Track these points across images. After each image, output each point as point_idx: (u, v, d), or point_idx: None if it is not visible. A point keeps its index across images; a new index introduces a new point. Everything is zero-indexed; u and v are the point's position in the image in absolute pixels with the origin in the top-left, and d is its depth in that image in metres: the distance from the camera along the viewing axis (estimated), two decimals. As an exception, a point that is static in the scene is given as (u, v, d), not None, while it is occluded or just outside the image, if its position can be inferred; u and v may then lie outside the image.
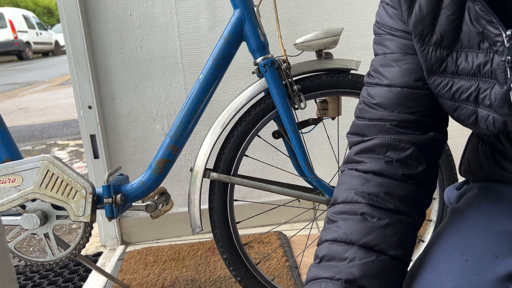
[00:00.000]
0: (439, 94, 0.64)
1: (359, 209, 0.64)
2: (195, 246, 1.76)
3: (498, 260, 0.58)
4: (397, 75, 0.66)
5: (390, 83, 0.67)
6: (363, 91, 0.71)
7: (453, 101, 0.62)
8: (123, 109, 1.76)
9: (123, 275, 1.59)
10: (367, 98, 0.70)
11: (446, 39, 0.59)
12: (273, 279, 1.33)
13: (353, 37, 1.78)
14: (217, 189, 1.20)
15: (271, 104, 1.17)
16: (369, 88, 0.70)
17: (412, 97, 0.66)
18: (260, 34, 1.14)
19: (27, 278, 1.64)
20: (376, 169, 0.66)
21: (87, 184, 1.17)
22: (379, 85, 0.68)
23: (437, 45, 0.61)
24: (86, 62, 1.65)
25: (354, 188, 0.66)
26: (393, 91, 0.67)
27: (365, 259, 0.61)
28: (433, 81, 0.63)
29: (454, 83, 0.61)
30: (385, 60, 0.68)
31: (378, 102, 0.68)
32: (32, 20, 16.21)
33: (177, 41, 1.73)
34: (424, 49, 0.62)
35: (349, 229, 0.63)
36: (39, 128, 4.71)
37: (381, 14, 0.70)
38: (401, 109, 0.66)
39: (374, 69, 0.70)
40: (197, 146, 1.80)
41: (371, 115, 0.69)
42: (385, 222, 0.63)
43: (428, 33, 0.61)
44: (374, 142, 0.67)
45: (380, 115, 0.68)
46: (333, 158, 1.78)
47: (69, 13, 1.61)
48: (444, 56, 0.60)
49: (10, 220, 1.20)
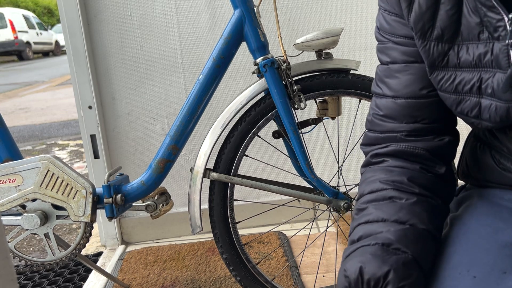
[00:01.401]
0: (442, 89, 0.65)
1: (387, 194, 0.68)
2: (195, 246, 1.77)
3: (505, 276, 0.58)
4: (401, 87, 0.69)
5: (395, 95, 0.70)
6: (372, 101, 0.75)
7: (456, 94, 0.64)
8: (123, 109, 1.76)
9: (123, 275, 1.60)
10: (375, 110, 0.73)
11: (447, 33, 0.61)
12: (273, 279, 1.33)
13: (353, 37, 1.78)
14: (217, 189, 1.20)
15: (271, 104, 1.18)
16: (377, 99, 0.73)
17: (417, 107, 0.69)
18: (260, 34, 1.14)
19: (27, 278, 1.64)
20: (396, 164, 0.71)
21: (87, 184, 1.17)
22: (386, 96, 0.71)
23: (438, 39, 0.62)
24: (86, 62, 1.65)
25: (379, 178, 0.70)
26: (398, 103, 0.69)
27: (400, 228, 0.63)
28: (436, 76, 0.65)
29: (457, 76, 0.62)
30: (389, 71, 0.71)
31: (385, 114, 0.71)
32: (32, 20, 16.21)
33: (177, 41, 1.73)
34: (425, 44, 0.64)
35: (380, 211, 0.66)
36: (39, 128, 4.71)
37: (381, 21, 0.71)
38: (409, 119, 0.69)
39: (380, 79, 0.73)
40: (197, 146, 1.80)
41: (382, 128, 0.72)
42: (413, 201, 0.66)
43: (428, 28, 0.63)
44: (390, 149, 0.72)
45: (390, 127, 0.71)
46: (333, 158, 1.79)
47: (69, 13, 1.61)
48: (446, 50, 0.62)
49: (10, 220, 1.20)
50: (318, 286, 1.45)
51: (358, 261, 0.60)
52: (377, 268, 0.58)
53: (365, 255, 0.60)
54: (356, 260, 0.60)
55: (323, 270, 1.54)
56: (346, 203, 1.22)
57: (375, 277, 0.58)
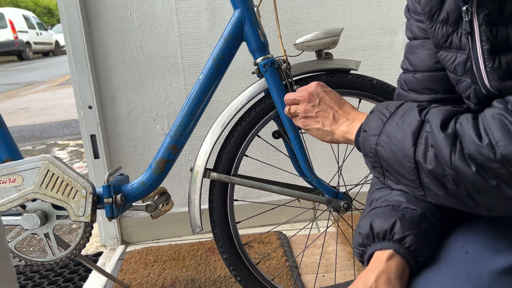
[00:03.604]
0: (445, 67, 0.71)
1: None
2: (195, 246, 1.77)
3: (498, 254, 0.59)
4: (419, 61, 0.77)
5: (414, 69, 0.77)
6: (400, 75, 0.82)
7: (455, 74, 0.69)
8: (123, 109, 1.76)
9: (123, 275, 1.60)
10: (401, 83, 0.81)
11: (452, 16, 0.66)
12: (273, 279, 1.33)
13: (353, 37, 1.78)
14: (217, 189, 1.20)
15: (271, 104, 1.18)
16: (403, 74, 0.81)
17: (434, 79, 0.75)
18: (260, 34, 1.14)
19: (27, 278, 1.64)
20: None
21: (87, 184, 1.17)
22: (408, 71, 0.79)
23: (444, 22, 0.68)
24: (86, 62, 1.65)
25: None
26: (417, 77, 0.77)
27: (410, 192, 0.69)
28: (441, 55, 0.71)
29: (457, 57, 0.67)
30: (410, 48, 0.79)
31: (409, 88, 0.79)
32: (32, 20, 16.21)
33: (177, 41, 1.73)
34: (432, 25, 0.70)
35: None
36: (39, 128, 4.71)
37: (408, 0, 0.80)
38: (428, 91, 0.76)
39: (405, 55, 0.81)
40: (197, 146, 1.80)
41: (406, 99, 0.79)
42: None
43: (436, 11, 0.68)
44: None
45: (412, 97, 0.78)
46: (333, 158, 1.78)
47: (70, 13, 1.61)
48: (450, 32, 0.68)
49: (10, 220, 1.20)
50: (318, 286, 1.45)
51: (369, 219, 0.69)
52: (384, 222, 0.67)
53: (376, 214, 0.69)
54: (367, 219, 0.69)
55: (323, 270, 1.54)
56: (346, 203, 1.22)
57: (382, 230, 0.66)
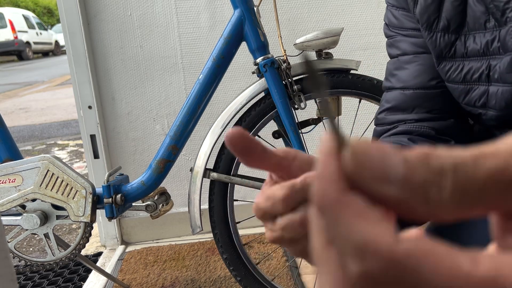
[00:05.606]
0: (449, 79, 0.66)
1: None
2: (195, 246, 1.76)
3: None
4: (410, 77, 0.70)
5: (403, 86, 0.70)
6: (382, 98, 0.75)
7: (465, 84, 0.65)
8: (123, 109, 1.76)
9: (123, 275, 1.59)
10: (384, 105, 0.73)
11: (453, 23, 0.63)
12: (273, 279, 1.33)
13: (353, 37, 1.78)
14: (217, 189, 1.20)
15: (271, 104, 1.17)
16: (386, 93, 0.74)
17: (426, 97, 0.69)
18: (260, 34, 1.13)
19: (27, 278, 1.64)
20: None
21: (87, 184, 1.17)
22: (394, 88, 0.72)
23: (444, 30, 0.64)
24: (86, 62, 1.65)
25: None
26: (407, 94, 0.70)
27: None
28: (444, 67, 0.66)
29: (464, 66, 0.64)
30: (399, 63, 0.72)
31: (393, 106, 0.71)
32: (32, 20, 16.22)
33: (177, 41, 1.73)
34: (432, 35, 0.66)
35: None
36: (39, 128, 4.71)
37: (389, 17, 0.73)
38: (419, 109, 0.70)
39: (389, 73, 0.74)
40: (197, 146, 1.79)
41: (390, 120, 0.72)
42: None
43: (434, 19, 0.65)
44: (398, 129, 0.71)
45: (398, 118, 0.71)
46: (333, 158, 1.78)
47: (69, 13, 1.61)
48: (453, 41, 0.64)
49: (10, 220, 1.20)
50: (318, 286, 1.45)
51: None
52: None
53: None
54: None
55: (323, 270, 1.54)
56: (346, 203, 1.21)
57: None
